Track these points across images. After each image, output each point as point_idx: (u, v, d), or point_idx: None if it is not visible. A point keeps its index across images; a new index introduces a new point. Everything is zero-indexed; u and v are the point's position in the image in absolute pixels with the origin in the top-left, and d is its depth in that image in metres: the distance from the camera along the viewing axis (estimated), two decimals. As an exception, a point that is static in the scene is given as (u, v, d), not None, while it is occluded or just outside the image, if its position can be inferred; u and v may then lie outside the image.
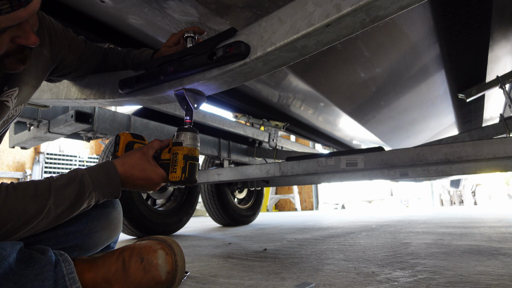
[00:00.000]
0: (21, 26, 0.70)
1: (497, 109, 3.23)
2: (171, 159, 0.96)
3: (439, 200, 10.45)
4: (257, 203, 4.19)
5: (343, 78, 2.00)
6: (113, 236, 1.08)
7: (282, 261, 1.46)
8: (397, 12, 0.73)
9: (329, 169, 1.93)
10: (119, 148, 1.02)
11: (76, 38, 1.08)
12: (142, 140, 1.06)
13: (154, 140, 0.98)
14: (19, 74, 0.87)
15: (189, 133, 0.98)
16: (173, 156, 0.96)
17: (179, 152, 0.96)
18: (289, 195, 9.74)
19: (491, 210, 5.30)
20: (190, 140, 0.97)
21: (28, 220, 0.74)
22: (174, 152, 0.96)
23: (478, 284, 0.97)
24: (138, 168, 0.90)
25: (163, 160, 0.97)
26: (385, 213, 5.53)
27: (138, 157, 0.91)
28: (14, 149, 7.52)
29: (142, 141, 1.05)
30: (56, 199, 0.77)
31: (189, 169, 0.95)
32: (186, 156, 0.96)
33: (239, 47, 0.86)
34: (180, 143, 0.96)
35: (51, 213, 0.77)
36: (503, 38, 1.85)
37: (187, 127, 0.99)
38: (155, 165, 0.94)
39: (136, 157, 0.91)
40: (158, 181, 0.94)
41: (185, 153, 0.96)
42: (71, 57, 1.06)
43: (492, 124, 2.19)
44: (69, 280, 0.77)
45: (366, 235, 2.35)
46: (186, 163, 0.95)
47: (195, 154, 0.98)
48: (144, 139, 1.06)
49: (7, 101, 0.86)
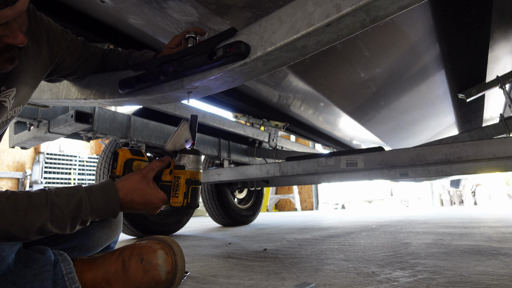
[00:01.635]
0: (8, 25, 0.68)
1: (497, 109, 3.23)
2: (173, 182, 0.93)
3: (439, 200, 10.45)
4: (257, 203, 4.19)
5: (343, 78, 1.99)
6: (113, 236, 1.08)
7: (282, 261, 1.46)
8: (397, 12, 0.73)
9: (329, 169, 1.93)
10: (117, 165, 0.99)
11: (75, 39, 1.08)
12: (141, 156, 1.02)
13: (153, 162, 0.94)
14: (16, 74, 0.86)
15: (192, 155, 0.94)
16: (175, 179, 0.93)
17: (182, 176, 0.92)
18: (289, 195, 9.74)
19: (491, 210, 5.30)
20: (193, 163, 0.94)
21: (15, 235, 0.71)
22: (176, 175, 0.93)
23: (478, 284, 0.97)
24: (139, 193, 0.88)
25: (164, 182, 0.94)
26: (385, 213, 5.53)
27: (138, 180, 0.89)
28: (14, 149, 7.52)
29: (141, 158, 1.02)
30: (52, 217, 0.75)
31: (191, 194, 0.92)
32: (188, 180, 0.92)
33: (239, 47, 0.86)
34: (183, 166, 0.93)
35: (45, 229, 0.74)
36: (503, 38, 1.85)
37: (190, 149, 0.96)
38: (155, 189, 0.91)
39: (136, 181, 0.89)
40: (159, 205, 0.92)
41: (188, 177, 0.92)
42: (70, 58, 1.05)
43: (492, 124, 2.19)
44: (68, 280, 0.77)
45: (366, 235, 2.35)
46: (188, 188, 0.92)
47: (197, 178, 0.95)
48: (143, 154, 1.04)
49: (4, 101, 0.86)
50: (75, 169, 8.56)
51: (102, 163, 2.55)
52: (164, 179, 0.95)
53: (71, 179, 8.43)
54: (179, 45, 1.09)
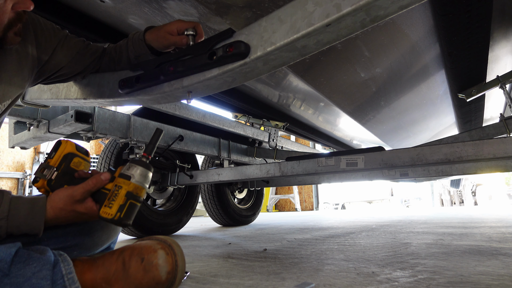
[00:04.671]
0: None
1: (497, 109, 3.23)
2: (112, 190, 0.83)
3: (439, 200, 10.45)
4: (257, 203, 4.19)
5: (343, 78, 1.99)
6: (113, 236, 1.08)
7: (282, 261, 1.46)
8: (397, 12, 0.73)
9: (329, 169, 1.93)
10: (54, 156, 0.90)
11: (70, 37, 1.05)
12: (85, 155, 0.95)
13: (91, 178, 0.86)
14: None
15: (142, 168, 0.85)
16: (115, 188, 0.83)
17: (124, 186, 0.83)
18: (289, 195, 9.74)
19: (491, 210, 5.30)
20: (140, 177, 0.85)
21: None
22: (118, 184, 0.83)
23: (479, 284, 0.97)
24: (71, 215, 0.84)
25: (102, 189, 0.86)
26: (385, 213, 5.52)
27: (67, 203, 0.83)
28: (13, 149, 7.52)
29: (84, 156, 0.94)
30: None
31: (127, 209, 0.82)
32: (129, 193, 0.83)
33: (239, 47, 0.86)
34: (129, 177, 0.84)
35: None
36: (503, 38, 1.84)
37: (143, 161, 0.87)
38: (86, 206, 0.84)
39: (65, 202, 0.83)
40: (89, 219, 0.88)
41: (130, 190, 0.83)
42: (63, 56, 1.02)
43: (492, 124, 2.19)
44: (68, 280, 0.76)
45: (366, 235, 2.35)
46: (126, 201, 0.82)
47: (140, 194, 0.85)
48: (88, 154, 0.96)
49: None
50: (75, 169, 8.54)
51: (102, 163, 2.55)
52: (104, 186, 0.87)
53: (71, 179, 8.41)
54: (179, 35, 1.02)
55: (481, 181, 9.68)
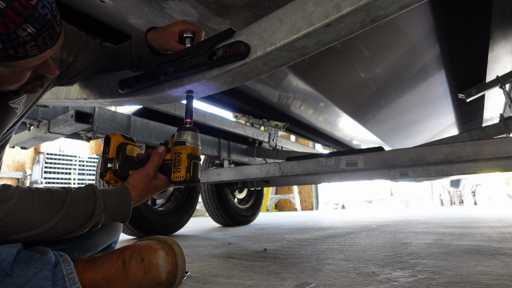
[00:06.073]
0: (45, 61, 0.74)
1: (497, 109, 3.23)
2: (173, 158, 0.93)
3: (439, 200, 10.46)
4: (257, 203, 4.19)
5: (343, 78, 1.99)
6: (113, 236, 1.08)
7: (282, 261, 1.46)
8: (397, 12, 0.73)
9: (329, 169, 1.93)
10: (109, 150, 0.99)
11: (89, 42, 1.06)
12: (133, 142, 1.03)
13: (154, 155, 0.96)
14: None
15: (191, 132, 0.96)
16: (176, 155, 0.93)
17: (183, 151, 0.93)
18: (289, 195, 9.74)
19: (491, 210, 5.30)
20: (193, 139, 0.95)
21: (33, 226, 0.74)
22: (177, 151, 0.93)
23: (478, 284, 0.97)
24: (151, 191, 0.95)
25: (164, 161, 0.96)
26: (385, 213, 5.53)
27: (146, 182, 0.93)
28: (14, 149, 7.51)
29: (133, 143, 1.03)
30: (69, 211, 0.78)
31: (193, 169, 0.92)
32: (190, 155, 0.93)
33: (239, 47, 0.86)
34: (183, 142, 0.94)
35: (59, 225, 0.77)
36: (503, 38, 1.85)
37: (189, 126, 0.97)
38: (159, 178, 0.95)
39: (145, 183, 0.93)
40: (163, 189, 0.97)
41: (189, 152, 0.93)
42: (83, 60, 1.04)
43: (492, 124, 2.19)
44: (68, 280, 0.77)
45: (366, 235, 2.35)
46: (190, 162, 0.92)
47: (198, 153, 0.96)
48: (134, 141, 1.04)
49: (17, 108, 0.89)
50: (75, 169, 8.56)
51: (102, 163, 2.55)
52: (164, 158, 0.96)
53: (71, 179, 8.43)
54: None
55: (481, 181, 9.68)
